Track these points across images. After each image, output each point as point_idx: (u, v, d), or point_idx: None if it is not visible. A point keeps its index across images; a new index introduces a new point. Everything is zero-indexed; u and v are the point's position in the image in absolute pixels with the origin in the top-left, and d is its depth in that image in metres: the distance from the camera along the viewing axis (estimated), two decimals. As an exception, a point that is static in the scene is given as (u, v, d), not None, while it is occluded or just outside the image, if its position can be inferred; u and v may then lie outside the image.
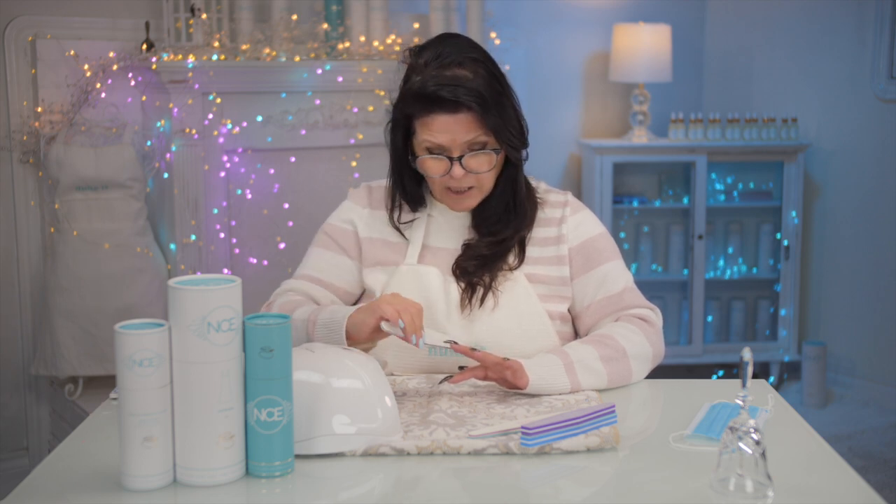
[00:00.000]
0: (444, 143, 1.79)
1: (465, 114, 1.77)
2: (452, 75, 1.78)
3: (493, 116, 1.79)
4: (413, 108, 1.81)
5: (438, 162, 1.82)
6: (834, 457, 1.50)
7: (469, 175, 1.82)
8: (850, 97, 4.40)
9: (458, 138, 1.79)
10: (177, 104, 3.37)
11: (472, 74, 1.79)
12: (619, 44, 4.42)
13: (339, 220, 1.98)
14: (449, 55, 1.80)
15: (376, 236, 1.94)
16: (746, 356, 1.36)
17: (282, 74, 3.54)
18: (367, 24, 3.72)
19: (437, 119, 1.78)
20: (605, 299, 1.91)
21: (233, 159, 3.53)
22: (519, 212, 1.89)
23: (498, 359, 1.71)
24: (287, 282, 1.97)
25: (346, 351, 1.60)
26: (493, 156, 1.82)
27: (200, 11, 3.38)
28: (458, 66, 1.79)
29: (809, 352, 4.35)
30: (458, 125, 1.78)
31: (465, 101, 1.76)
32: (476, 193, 1.86)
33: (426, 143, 1.81)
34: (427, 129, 1.80)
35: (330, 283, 1.94)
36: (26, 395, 3.55)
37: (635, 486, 1.43)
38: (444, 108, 1.77)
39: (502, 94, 1.82)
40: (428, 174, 1.84)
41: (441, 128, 1.78)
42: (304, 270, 1.96)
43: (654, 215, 4.61)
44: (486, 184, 1.86)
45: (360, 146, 3.72)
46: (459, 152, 1.80)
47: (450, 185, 1.84)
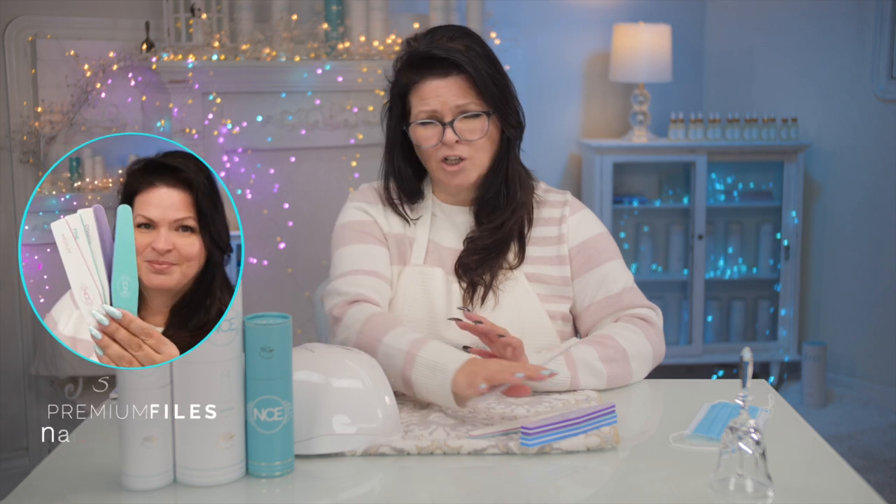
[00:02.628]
0: (437, 108, 1.82)
1: (456, 77, 1.82)
2: (446, 45, 1.83)
3: (485, 82, 1.82)
4: (406, 77, 1.85)
5: (431, 128, 1.84)
6: (834, 457, 1.50)
7: (461, 144, 1.83)
8: (850, 97, 4.39)
9: (449, 101, 1.82)
10: (177, 104, 3.37)
11: (465, 48, 1.84)
12: (619, 44, 4.42)
13: (356, 215, 1.94)
14: (443, 33, 1.87)
15: (388, 230, 1.94)
16: (746, 356, 1.36)
17: (282, 74, 3.54)
18: (367, 24, 3.72)
19: (428, 84, 1.82)
20: (605, 299, 1.91)
21: (233, 159, 3.53)
22: (511, 192, 1.89)
23: (501, 329, 1.68)
24: (336, 284, 1.85)
25: (347, 351, 1.60)
26: (486, 121, 1.84)
27: (200, 11, 3.38)
28: (450, 40, 1.85)
29: (809, 352, 4.35)
30: (450, 88, 1.82)
31: (456, 60, 1.81)
32: (469, 166, 1.86)
33: (420, 113, 1.84)
34: (419, 97, 1.83)
35: (382, 273, 1.87)
36: (26, 395, 3.55)
37: (635, 486, 1.43)
38: (434, 72, 1.82)
39: (495, 70, 1.86)
40: (421, 143, 1.85)
41: (433, 92, 1.82)
42: (352, 266, 1.86)
43: (654, 215, 4.61)
44: (478, 154, 1.86)
45: (360, 146, 3.72)
46: (451, 116, 1.83)
47: (443, 154, 1.84)
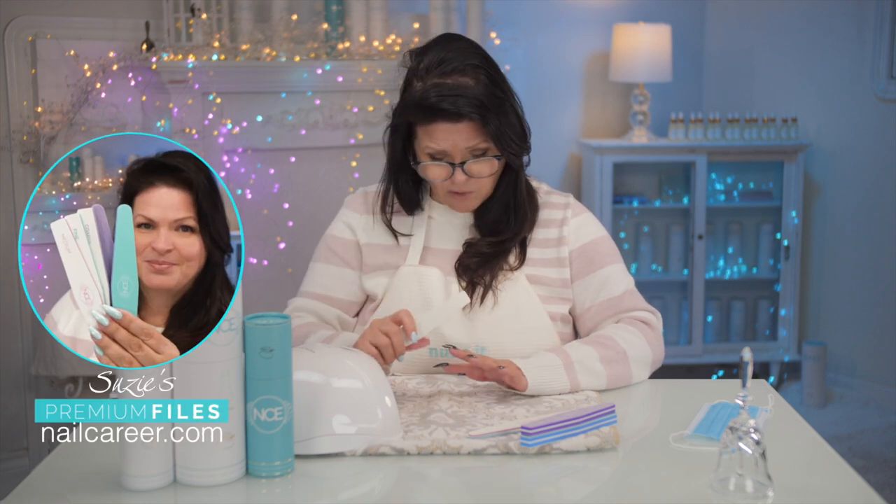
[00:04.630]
0: (447, 149, 1.81)
1: (467, 123, 1.79)
2: (454, 84, 1.78)
3: (494, 124, 1.79)
4: (414, 116, 1.81)
5: (441, 168, 1.83)
6: (834, 457, 1.50)
7: (471, 180, 1.83)
8: (850, 97, 4.40)
9: (459, 144, 1.80)
10: (177, 104, 3.37)
11: (474, 82, 1.79)
12: (619, 44, 4.42)
13: (339, 230, 1.98)
14: (450, 61, 1.80)
15: (376, 241, 1.95)
16: (746, 356, 1.36)
17: (282, 74, 3.54)
18: (367, 24, 3.72)
19: (438, 127, 1.79)
20: (606, 301, 1.91)
21: (233, 159, 3.53)
22: (519, 214, 1.90)
23: (494, 365, 1.71)
24: (293, 301, 1.98)
25: (347, 351, 1.60)
26: (495, 162, 1.84)
27: (200, 11, 3.38)
28: (459, 73, 1.79)
29: (809, 352, 4.35)
30: (460, 133, 1.79)
31: (466, 113, 1.77)
32: (476, 197, 1.88)
33: (428, 148, 1.82)
34: (429, 136, 1.81)
35: (336, 297, 1.95)
36: (26, 395, 3.55)
37: (635, 486, 1.43)
38: (445, 117, 1.78)
39: (504, 101, 1.82)
40: (431, 179, 1.86)
41: (443, 136, 1.79)
42: (309, 288, 1.97)
43: (654, 215, 4.61)
44: (485, 188, 1.87)
45: (360, 146, 3.72)
46: (461, 158, 1.81)
47: (452, 188, 1.85)
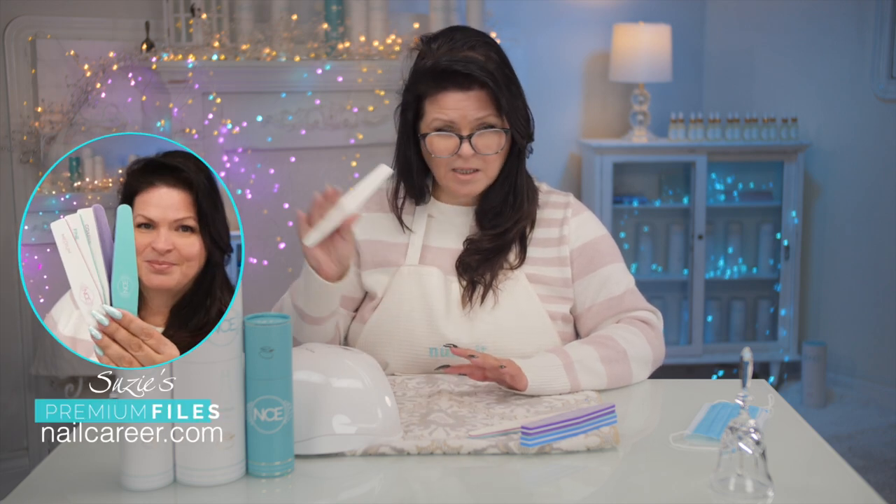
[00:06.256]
0: (455, 120, 1.80)
1: (478, 91, 1.79)
2: (465, 55, 1.80)
3: (505, 97, 1.81)
4: (425, 85, 1.81)
5: (447, 139, 1.82)
6: (834, 457, 1.50)
7: (476, 156, 1.82)
8: (850, 97, 4.40)
9: (468, 115, 1.80)
10: (177, 104, 3.37)
11: (485, 58, 1.81)
12: (619, 44, 4.42)
13: None
14: (461, 40, 1.83)
15: (374, 238, 1.94)
16: (746, 356, 1.36)
17: (282, 74, 3.54)
18: (367, 24, 3.72)
19: (448, 96, 1.80)
20: (606, 301, 1.91)
21: (233, 159, 3.53)
22: (518, 203, 1.89)
23: (495, 364, 1.71)
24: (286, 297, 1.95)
25: (347, 351, 1.60)
26: (503, 136, 1.83)
27: (200, 11, 3.38)
28: (470, 48, 1.81)
29: (809, 352, 4.35)
30: (470, 102, 1.79)
31: (478, 76, 1.78)
32: (481, 178, 1.86)
33: (436, 121, 1.81)
34: (438, 106, 1.80)
35: None
36: (26, 395, 3.55)
37: (635, 486, 1.43)
38: (456, 83, 1.79)
39: (512, 81, 1.84)
40: (436, 153, 1.83)
41: (452, 104, 1.79)
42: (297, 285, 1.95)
43: (654, 215, 4.61)
44: (491, 167, 1.85)
45: (360, 146, 3.72)
46: (469, 130, 1.81)
47: (456, 165, 1.83)
